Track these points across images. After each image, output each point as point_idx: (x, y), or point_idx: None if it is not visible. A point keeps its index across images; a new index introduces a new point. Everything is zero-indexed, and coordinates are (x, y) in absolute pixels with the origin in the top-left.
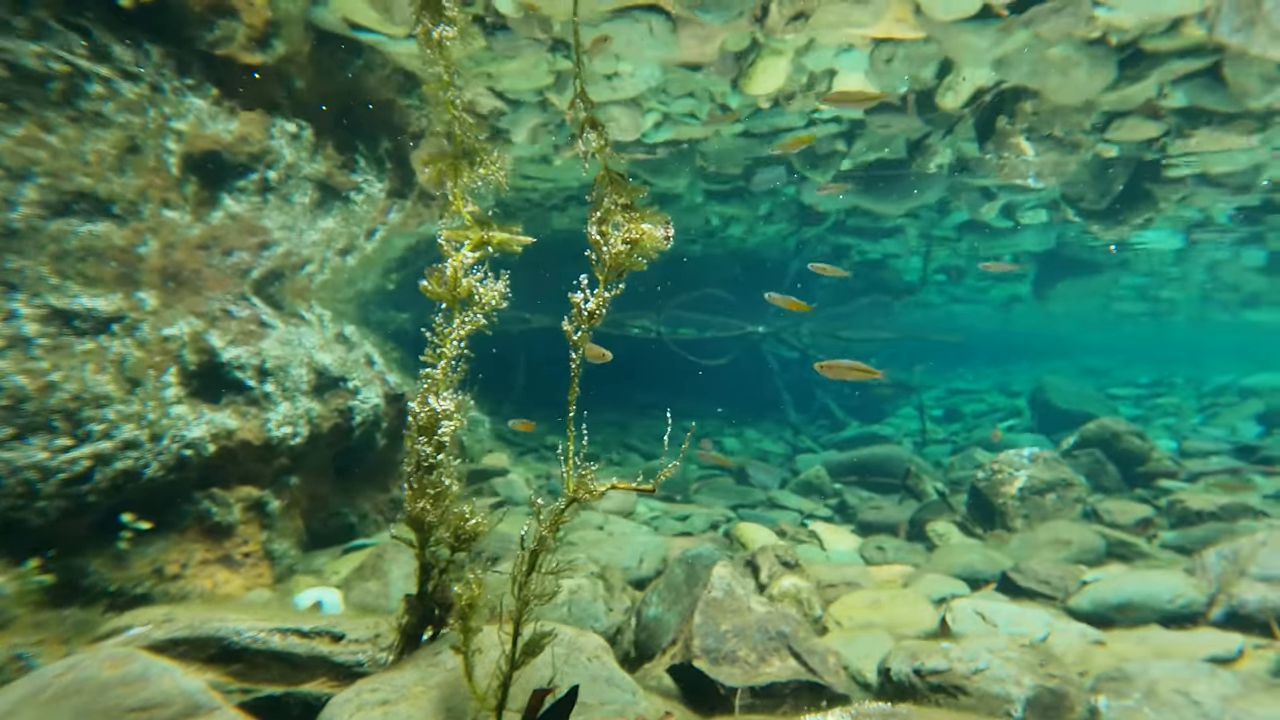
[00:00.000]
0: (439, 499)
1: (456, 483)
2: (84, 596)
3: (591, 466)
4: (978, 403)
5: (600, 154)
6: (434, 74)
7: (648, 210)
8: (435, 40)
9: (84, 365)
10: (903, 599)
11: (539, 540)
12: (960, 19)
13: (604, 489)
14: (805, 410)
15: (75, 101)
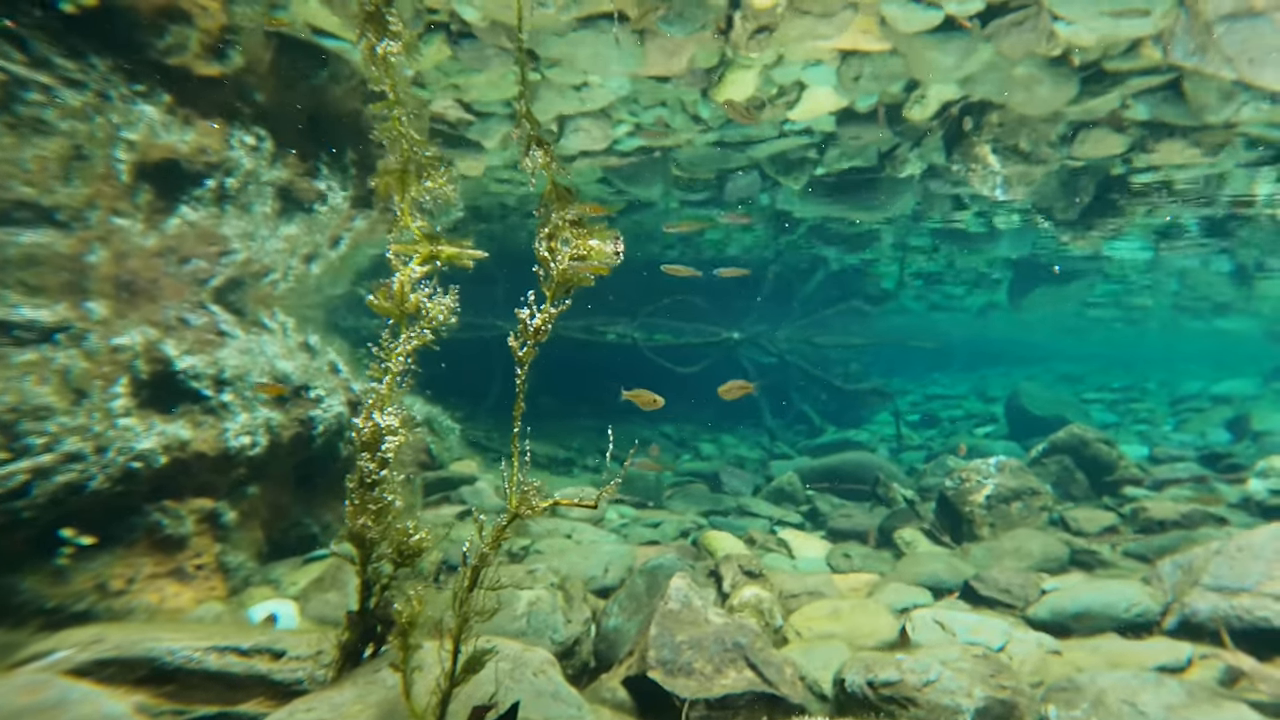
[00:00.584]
0: (381, 515)
1: (401, 498)
2: (14, 616)
3: (534, 482)
4: (954, 409)
5: (547, 169)
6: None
7: (597, 226)
8: (380, 56)
9: (24, 377)
10: (863, 609)
11: (480, 556)
12: (923, 31)
13: (546, 505)
14: (782, 416)
15: (12, 108)
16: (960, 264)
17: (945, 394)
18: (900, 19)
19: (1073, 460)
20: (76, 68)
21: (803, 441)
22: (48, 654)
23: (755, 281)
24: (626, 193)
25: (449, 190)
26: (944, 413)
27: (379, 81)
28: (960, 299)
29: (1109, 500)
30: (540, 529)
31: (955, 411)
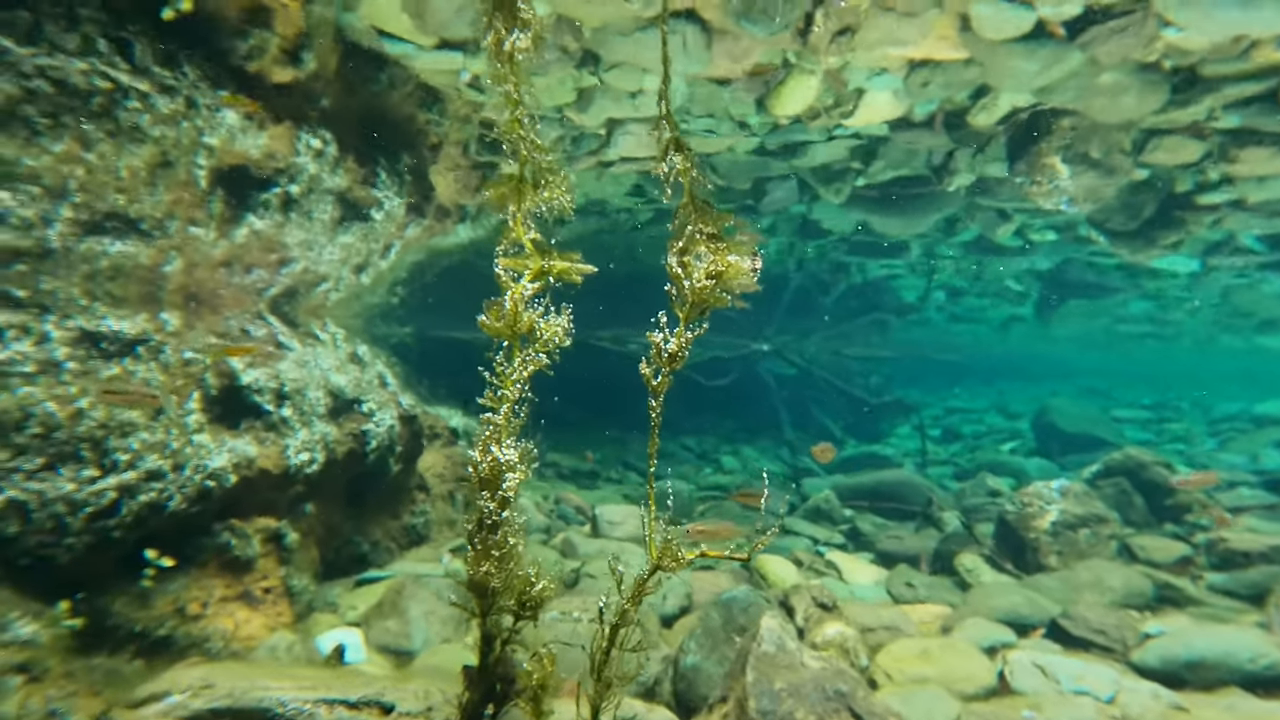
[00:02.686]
0: (504, 561)
1: (521, 541)
2: (110, 641)
3: (681, 525)
4: (976, 423)
5: (685, 178)
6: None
7: (734, 240)
8: (507, 52)
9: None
10: (953, 649)
11: (620, 614)
12: (1010, 39)
13: (692, 556)
14: (802, 428)
15: (114, 115)
16: (988, 276)
17: (965, 408)
18: (989, 22)
19: (1130, 483)
20: (170, 74)
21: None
22: (163, 696)
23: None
24: (658, 201)
25: (566, 200)
26: (965, 427)
27: (503, 79)
28: (983, 311)
29: (1173, 528)
30: (588, 550)
31: (977, 426)
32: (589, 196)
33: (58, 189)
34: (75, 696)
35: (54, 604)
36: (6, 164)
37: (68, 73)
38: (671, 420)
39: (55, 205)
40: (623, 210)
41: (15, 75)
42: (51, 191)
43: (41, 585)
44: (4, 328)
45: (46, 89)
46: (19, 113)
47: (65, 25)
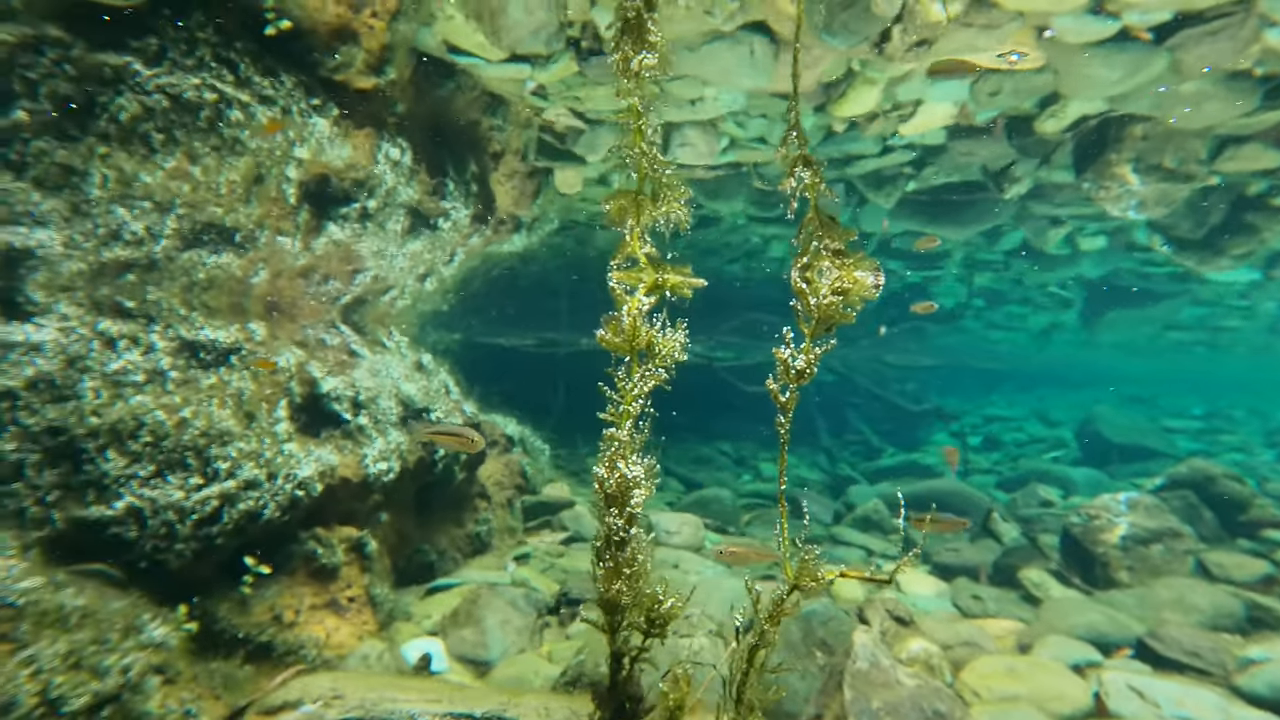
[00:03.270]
0: (634, 579)
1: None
2: (219, 646)
3: (814, 549)
4: (1016, 431)
5: (811, 193)
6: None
7: (858, 255)
8: (634, 70)
9: (210, 400)
10: (1041, 667)
11: (759, 633)
12: (1092, 43)
13: (832, 577)
14: (838, 435)
15: (218, 129)
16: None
17: (1004, 416)
18: (1071, 31)
19: (1197, 496)
20: (269, 83)
21: (863, 464)
22: (296, 704)
23: None
24: (704, 207)
25: (684, 213)
26: (1005, 435)
27: (628, 94)
28: (1023, 319)
29: (1248, 544)
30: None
31: (1018, 434)
32: None
33: (166, 203)
34: (201, 699)
35: (171, 608)
36: (126, 179)
37: (182, 88)
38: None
39: (163, 218)
40: None
41: (139, 93)
42: (161, 205)
43: (157, 590)
44: (116, 338)
45: (164, 104)
46: (139, 130)
47: (185, 49)
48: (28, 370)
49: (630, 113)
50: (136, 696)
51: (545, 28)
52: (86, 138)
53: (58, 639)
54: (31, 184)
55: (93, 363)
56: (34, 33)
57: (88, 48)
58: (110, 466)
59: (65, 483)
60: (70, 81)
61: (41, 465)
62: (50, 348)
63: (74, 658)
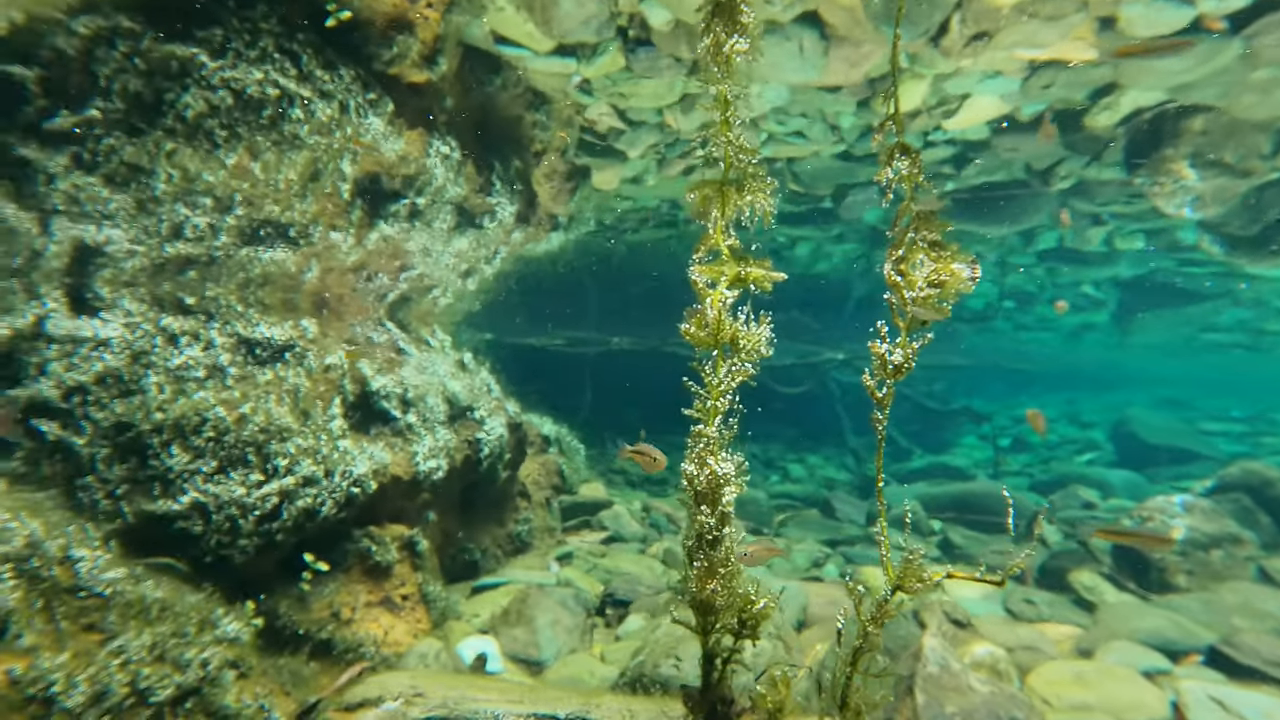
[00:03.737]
0: (729, 579)
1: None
2: (283, 642)
3: (919, 549)
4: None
5: (909, 183)
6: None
7: (954, 247)
8: (725, 54)
9: (268, 396)
10: (1111, 675)
11: (863, 635)
12: (1160, 37)
13: (938, 576)
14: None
15: (280, 126)
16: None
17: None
18: (1140, 21)
19: (1252, 500)
20: (329, 79)
21: (892, 465)
22: (377, 701)
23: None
24: None
25: (769, 205)
26: (1035, 437)
27: (716, 81)
28: (1054, 320)
29: None
30: None
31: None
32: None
33: (226, 199)
34: (272, 695)
35: (238, 604)
36: (190, 176)
37: (246, 82)
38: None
39: (223, 214)
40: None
41: (205, 88)
42: (221, 201)
43: (222, 585)
44: (178, 333)
45: (228, 100)
46: (204, 126)
47: (249, 40)
48: (96, 365)
49: (719, 101)
50: (216, 690)
51: (596, 17)
52: (154, 133)
53: (142, 631)
54: (102, 180)
55: (156, 358)
56: (108, 24)
57: (157, 39)
58: (175, 461)
59: (133, 477)
60: (140, 76)
61: (111, 459)
62: (117, 343)
63: (158, 650)
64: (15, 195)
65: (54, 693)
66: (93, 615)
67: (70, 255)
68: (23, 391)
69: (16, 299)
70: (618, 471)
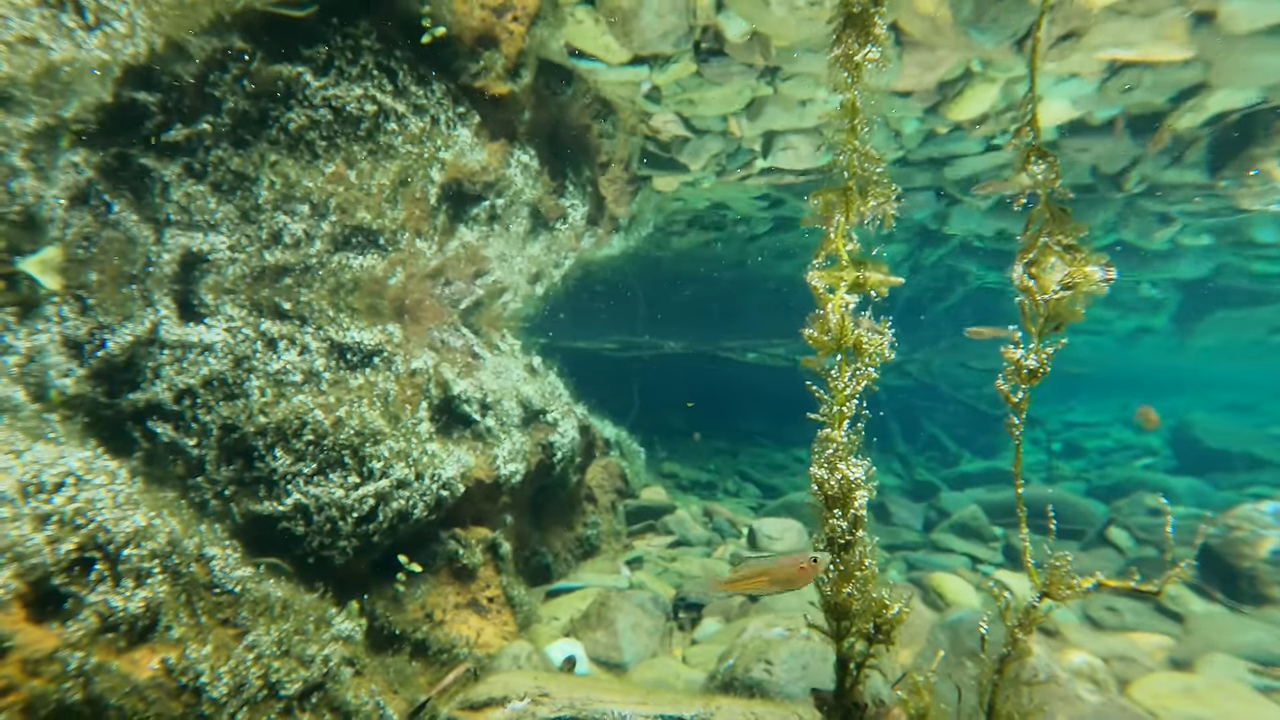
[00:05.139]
0: (864, 583)
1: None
2: (385, 642)
3: (1065, 554)
4: (1101, 438)
5: (1045, 186)
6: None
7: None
8: (857, 64)
9: (360, 400)
10: (1223, 689)
11: (1012, 641)
12: (1258, 31)
13: (1087, 584)
14: (912, 441)
15: (376, 136)
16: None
17: (1086, 422)
18: (1240, 14)
19: None
20: (422, 94)
21: (942, 470)
22: (504, 701)
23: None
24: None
25: (891, 211)
26: (1089, 442)
27: (845, 88)
28: (1109, 323)
29: None
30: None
31: (1103, 441)
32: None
33: (321, 207)
34: (383, 693)
35: (343, 603)
36: (290, 184)
37: (346, 99)
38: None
39: (318, 222)
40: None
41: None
42: (316, 209)
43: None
44: (277, 338)
45: (328, 117)
46: (306, 137)
47: (350, 57)
48: (203, 369)
49: (846, 109)
50: (337, 685)
51: (675, 30)
52: (258, 144)
53: (270, 627)
54: (209, 189)
55: (257, 362)
56: (222, 45)
57: (266, 59)
58: (279, 464)
59: (240, 478)
60: (249, 98)
61: (219, 461)
62: (220, 348)
63: (284, 645)
64: (135, 205)
65: (202, 683)
66: (226, 611)
67: (179, 262)
68: (141, 395)
69: (136, 306)
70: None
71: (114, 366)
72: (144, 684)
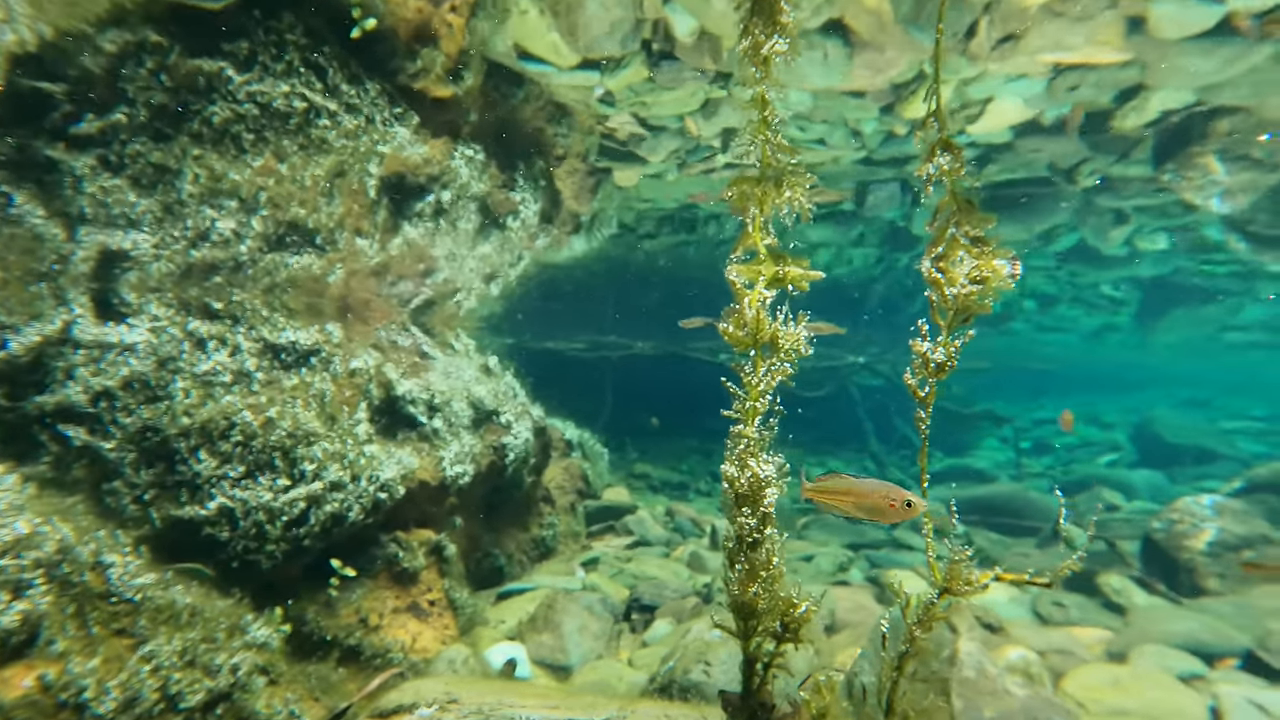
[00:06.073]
0: (771, 582)
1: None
2: (311, 648)
3: (966, 550)
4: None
5: (951, 178)
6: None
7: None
8: (764, 56)
9: (294, 400)
10: (1148, 679)
11: (909, 639)
12: (1189, 37)
13: (985, 579)
14: (885, 440)
15: (307, 131)
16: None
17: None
18: (1169, 21)
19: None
20: (355, 93)
21: (912, 468)
22: (411, 707)
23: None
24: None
25: (807, 204)
26: (1057, 439)
27: (754, 82)
28: (1074, 321)
29: None
30: (715, 564)
31: (1069, 438)
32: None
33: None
34: (301, 701)
35: (267, 610)
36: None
37: (272, 95)
38: None
39: (249, 218)
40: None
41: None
42: (246, 205)
43: (250, 590)
44: (206, 338)
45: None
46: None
47: (275, 53)
48: (123, 370)
49: (756, 101)
50: (246, 695)
51: (621, 25)
52: (180, 138)
53: (173, 636)
54: (128, 183)
55: (183, 363)
56: (135, 39)
57: (184, 53)
58: (203, 467)
59: (161, 482)
60: (167, 91)
61: (139, 464)
62: (143, 348)
63: (188, 655)
64: (42, 199)
65: (85, 699)
66: (123, 621)
67: (97, 259)
68: (50, 397)
69: (45, 305)
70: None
71: (17, 368)
72: (12, 704)
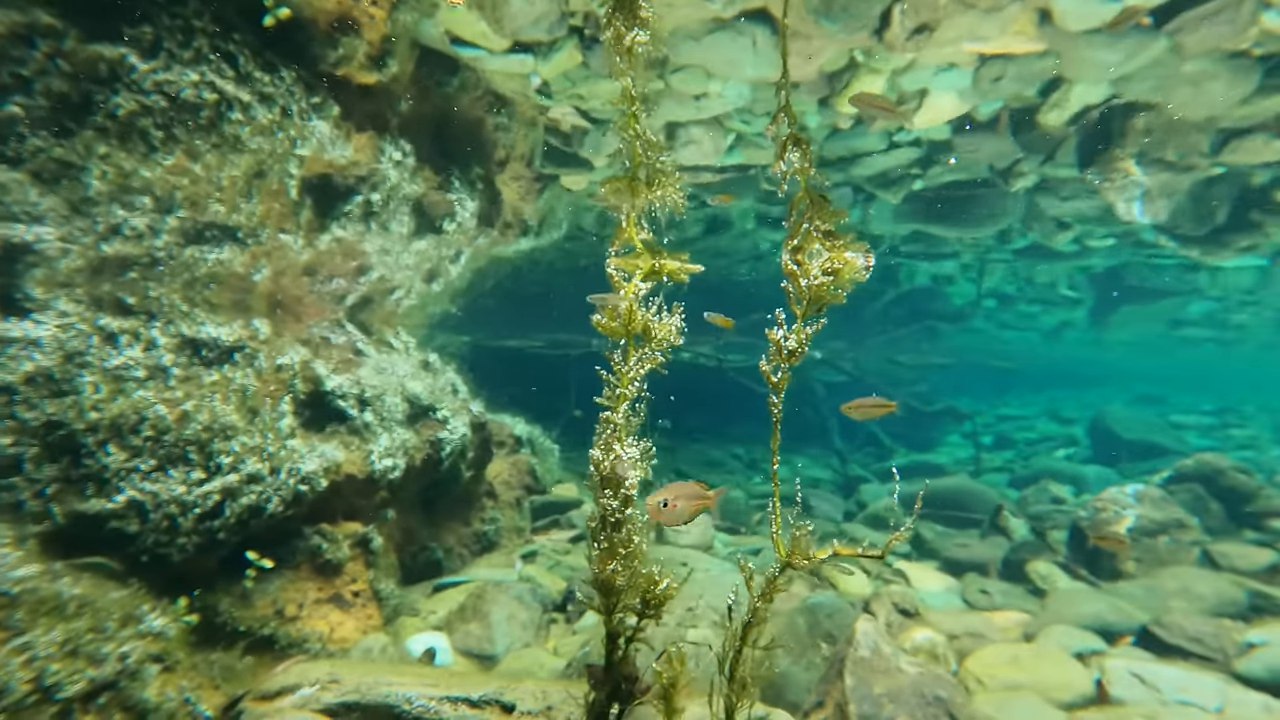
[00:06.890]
0: (629, 559)
1: (644, 538)
2: (220, 639)
3: (807, 525)
4: (1028, 430)
5: (802, 174)
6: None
7: (848, 237)
8: (627, 47)
9: (213, 395)
10: (1044, 656)
11: (752, 611)
12: (1091, 30)
13: (823, 555)
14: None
15: (220, 127)
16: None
17: (1017, 415)
18: (1070, 14)
19: (1205, 489)
20: (269, 81)
21: (875, 464)
22: (294, 688)
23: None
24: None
25: (679, 198)
26: (1018, 434)
27: (620, 74)
28: (1034, 318)
29: (1254, 535)
30: (656, 557)
31: (1029, 433)
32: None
33: (166, 200)
34: (200, 689)
35: (172, 600)
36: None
37: (180, 84)
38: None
39: (163, 216)
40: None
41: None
42: (161, 203)
43: (158, 582)
44: (118, 333)
45: (161, 103)
46: (138, 125)
47: (181, 39)
48: (25, 365)
49: (624, 96)
50: (134, 683)
51: (546, 16)
52: (83, 132)
53: (54, 627)
54: (28, 177)
55: (92, 358)
56: (25, 19)
57: (81, 38)
58: (111, 460)
59: (65, 476)
60: (67, 79)
61: (40, 459)
62: (48, 343)
63: (70, 645)
64: None
65: None
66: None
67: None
68: None
69: None
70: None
71: None
72: None
